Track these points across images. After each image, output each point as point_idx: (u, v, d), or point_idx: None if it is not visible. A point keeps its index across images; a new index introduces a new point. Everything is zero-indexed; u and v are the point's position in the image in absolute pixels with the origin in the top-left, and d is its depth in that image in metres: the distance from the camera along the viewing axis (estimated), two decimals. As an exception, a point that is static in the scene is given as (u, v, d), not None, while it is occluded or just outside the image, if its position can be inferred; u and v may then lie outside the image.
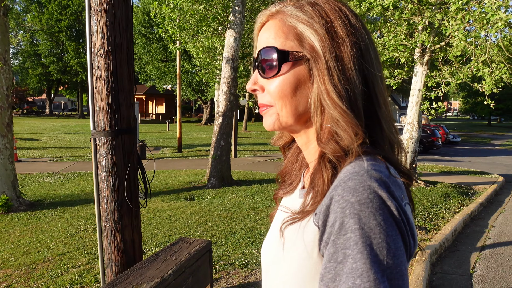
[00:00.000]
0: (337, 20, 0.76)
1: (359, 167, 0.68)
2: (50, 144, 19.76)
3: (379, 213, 0.63)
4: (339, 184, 0.67)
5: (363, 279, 0.59)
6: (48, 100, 60.05)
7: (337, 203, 0.66)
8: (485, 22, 7.11)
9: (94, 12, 2.34)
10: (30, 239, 5.95)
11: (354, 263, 0.61)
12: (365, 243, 0.61)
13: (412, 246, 0.67)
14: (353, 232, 0.62)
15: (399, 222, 0.64)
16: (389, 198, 0.64)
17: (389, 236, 0.62)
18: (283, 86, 0.79)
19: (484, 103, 8.42)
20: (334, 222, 0.65)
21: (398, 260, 0.62)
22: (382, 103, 0.77)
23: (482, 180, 12.19)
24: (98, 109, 2.36)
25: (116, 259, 2.41)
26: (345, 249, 0.62)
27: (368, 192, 0.64)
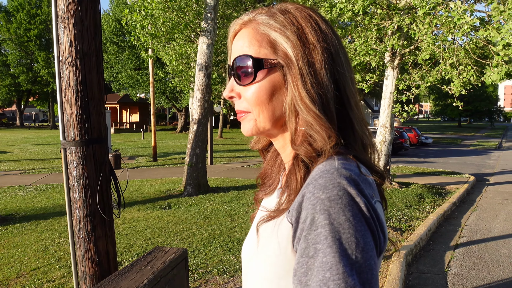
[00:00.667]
0: (307, 27, 0.79)
1: (330, 165, 0.71)
2: (21, 156, 19.29)
3: (348, 209, 0.65)
4: (311, 182, 0.70)
5: (332, 272, 0.61)
6: (19, 111, 58.68)
7: (308, 200, 0.68)
8: (452, 26, 7.30)
9: (61, 20, 2.30)
10: (2, 254, 5.78)
11: (324, 257, 0.63)
12: (334, 237, 0.63)
13: (383, 242, 0.69)
14: (323, 227, 0.64)
15: (368, 218, 0.66)
16: (358, 195, 0.66)
17: (358, 231, 0.64)
18: (259, 92, 0.81)
19: (453, 105, 8.63)
20: (306, 218, 0.67)
21: (367, 255, 0.64)
22: (353, 105, 0.80)
23: (454, 180, 12.46)
24: (67, 118, 2.32)
25: (90, 271, 2.36)
26: (315, 244, 0.64)
27: (337, 189, 0.66)
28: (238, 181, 11.88)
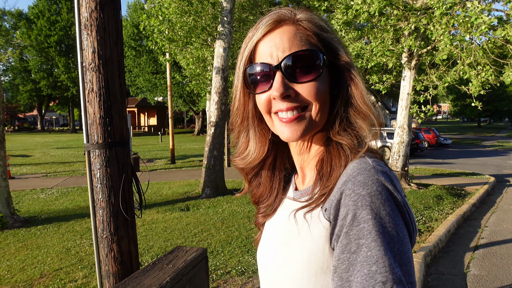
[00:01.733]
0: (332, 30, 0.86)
1: (365, 163, 0.74)
2: (43, 160, 19.68)
3: (388, 204, 0.68)
4: (349, 179, 0.72)
5: (379, 265, 0.64)
6: (39, 116, 59.78)
7: (348, 196, 0.70)
8: (469, 26, 7.24)
9: (84, 27, 2.39)
10: (26, 255, 5.93)
11: (369, 251, 0.65)
12: (379, 231, 0.66)
13: (414, 234, 0.73)
14: (366, 223, 0.67)
15: (404, 212, 0.70)
16: (395, 190, 0.70)
17: (397, 225, 0.67)
18: (321, 88, 0.82)
19: (472, 105, 8.54)
20: (346, 215, 0.70)
21: (406, 247, 0.67)
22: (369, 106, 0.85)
23: (474, 181, 12.30)
24: (91, 122, 2.40)
25: (113, 270, 2.43)
26: (358, 239, 0.67)
27: (377, 185, 0.69)
28: (256, 183, 11.90)
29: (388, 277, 0.63)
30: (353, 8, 8.72)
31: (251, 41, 0.85)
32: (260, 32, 0.84)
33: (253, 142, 0.96)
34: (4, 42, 40.93)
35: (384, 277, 0.63)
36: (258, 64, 0.83)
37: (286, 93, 0.80)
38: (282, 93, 0.80)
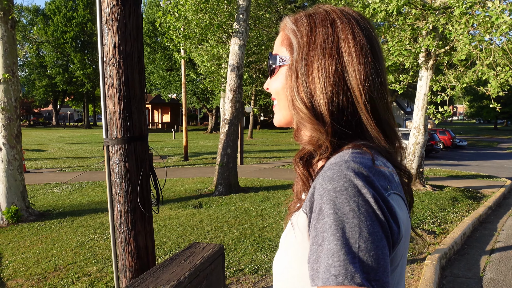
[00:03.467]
0: (320, 28, 0.85)
1: (340, 158, 0.75)
2: (58, 155, 19.89)
3: (353, 200, 0.67)
4: (321, 174, 0.74)
5: (334, 259, 0.64)
6: (55, 111, 60.48)
7: (317, 191, 0.72)
8: (489, 26, 7.13)
9: (106, 22, 2.39)
10: (40, 248, 5.99)
11: (329, 244, 0.66)
12: (338, 226, 0.66)
13: (396, 233, 0.71)
14: (328, 217, 0.67)
15: (374, 209, 0.68)
16: (365, 186, 0.69)
17: (362, 222, 0.66)
18: (276, 84, 0.93)
19: (490, 107, 8.41)
20: (315, 208, 0.71)
21: (373, 245, 0.65)
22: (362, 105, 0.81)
23: (490, 184, 12.14)
24: (110, 117, 2.41)
25: (130, 264, 2.44)
26: (323, 232, 0.68)
27: (343, 181, 0.69)
28: (269, 182, 11.91)
29: (341, 272, 0.63)
30: (370, 7, 8.64)
31: None
32: None
33: None
34: (21, 38, 41.41)
35: (337, 271, 0.63)
36: None
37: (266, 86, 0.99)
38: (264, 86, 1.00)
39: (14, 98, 7.54)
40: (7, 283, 4.77)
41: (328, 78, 0.81)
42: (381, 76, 0.84)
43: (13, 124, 7.52)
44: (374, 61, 0.83)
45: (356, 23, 0.84)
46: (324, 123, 0.80)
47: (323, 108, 0.81)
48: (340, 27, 0.83)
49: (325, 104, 0.81)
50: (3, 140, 7.43)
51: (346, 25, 0.83)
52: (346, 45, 0.82)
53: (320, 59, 0.82)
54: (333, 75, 0.81)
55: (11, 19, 7.43)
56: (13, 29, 7.51)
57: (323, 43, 0.83)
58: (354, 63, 0.81)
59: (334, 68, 0.81)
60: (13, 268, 5.21)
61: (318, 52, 0.82)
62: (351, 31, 0.83)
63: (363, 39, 0.83)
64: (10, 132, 7.48)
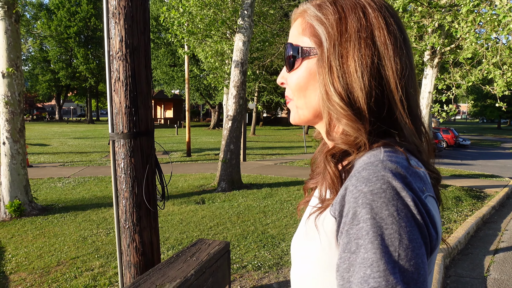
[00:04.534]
0: (350, 16, 0.77)
1: (374, 157, 0.69)
2: (60, 149, 19.90)
3: (392, 204, 0.62)
4: (354, 174, 0.68)
5: (373, 269, 0.59)
6: (58, 106, 60.55)
7: (350, 193, 0.66)
8: (496, 24, 7.07)
9: (113, 16, 2.36)
10: (43, 243, 5.99)
11: (366, 253, 0.60)
12: (376, 233, 0.60)
13: (434, 239, 0.65)
14: (365, 222, 0.62)
15: (415, 213, 0.63)
16: (404, 189, 0.63)
17: (402, 227, 0.61)
18: (297, 80, 0.84)
19: (493, 106, 8.37)
20: (348, 212, 0.65)
21: (413, 253, 0.60)
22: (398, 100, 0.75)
23: (494, 184, 12.09)
24: (116, 111, 2.38)
25: (134, 260, 2.42)
26: (357, 239, 0.62)
27: (381, 182, 0.63)
28: (271, 178, 11.89)
29: (381, 283, 0.57)
30: (376, 4, 8.57)
31: None
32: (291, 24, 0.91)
33: None
34: (25, 32, 41.45)
35: (377, 282, 0.58)
36: None
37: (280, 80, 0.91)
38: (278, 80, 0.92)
39: (18, 92, 7.52)
40: (9, 277, 4.77)
41: (365, 70, 0.74)
42: (413, 69, 0.80)
43: (16, 118, 7.51)
44: (408, 52, 0.78)
45: (387, 11, 0.78)
46: (362, 119, 0.74)
47: (361, 103, 0.74)
48: (372, 15, 0.77)
49: (364, 99, 0.74)
50: (7, 134, 7.43)
51: (378, 13, 0.77)
52: (381, 34, 0.76)
53: (356, 50, 0.75)
54: (370, 67, 0.74)
55: (15, 13, 7.41)
56: (17, 23, 7.50)
57: (357, 32, 0.76)
58: (390, 54, 0.75)
59: (370, 60, 0.74)
60: (16, 262, 5.21)
61: (353, 43, 0.75)
62: (383, 20, 0.77)
63: (395, 28, 0.77)
64: (14, 126, 7.48)
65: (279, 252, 5.48)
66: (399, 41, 0.77)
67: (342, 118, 0.74)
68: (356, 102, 0.74)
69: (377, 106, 0.75)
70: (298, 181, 11.16)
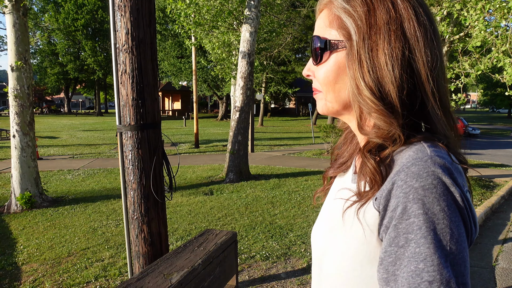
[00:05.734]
0: (379, 8, 0.75)
1: (422, 153, 0.69)
2: (70, 142, 20.06)
3: (443, 199, 0.63)
4: (402, 169, 0.68)
5: (427, 263, 0.61)
6: (66, 99, 60.90)
7: (399, 188, 0.67)
8: (506, 12, 6.98)
9: (118, 8, 2.37)
10: (54, 234, 6.07)
11: (417, 247, 0.62)
12: (429, 228, 0.62)
13: (474, 233, 0.68)
14: (417, 217, 0.63)
15: (462, 208, 0.65)
16: (453, 184, 0.65)
17: (452, 222, 0.63)
18: (326, 73, 0.82)
19: (504, 95, 8.28)
20: (396, 207, 0.66)
21: (461, 246, 0.63)
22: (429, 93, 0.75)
23: (503, 173, 12.01)
24: (123, 103, 2.40)
25: (143, 251, 2.45)
26: (407, 234, 0.64)
27: (432, 178, 0.64)
28: (279, 169, 11.90)
29: (436, 277, 0.60)
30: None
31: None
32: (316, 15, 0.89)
33: None
34: (33, 25, 41.56)
35: (431, 276, 0.60)
36: None
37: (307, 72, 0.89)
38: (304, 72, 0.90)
39: (27, 85, 7.58)
40: (22, 268, 4.85)
41: (396, 63, 0.73)
42: (443, 60, 0.79)
43: (25, 111, 7.58)
44: (437, 43, 0.77)
45: (416, 1, 0.77)
46: (395, 113, 0.73)
47: (393, 97, 0.73)
48: (402, 6, 0.75)
49: (395, 93, 0.73)
50: (16, 127, 7.50)
51: (407, 3, 0.75)
52: (411, 26, 0.74)
53: (386, 42, 0.74)
54: (400, 60, 0.73)
55: (22, 7, 7.44)
56: (25, 16, 7.53)
57: (386, 24, 0.74)
58: (420, 46, 0.74)
59: (401, 52, 0.73)
60: (28, 253, 5.29)
61: (383, 35, 0.74)
62: (413, 11, 0.75)
63: (425, 19, 0.76)
64: (23, 119, 7.55)
65: (287, 243, 5.51)
66: (429, 33, 0.76)
67: (374, 113, 0.74)
68: (387, 96, 0.74)
69: (409, 99, 0.75)
70: (306, 172, 11.17)
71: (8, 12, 7.32)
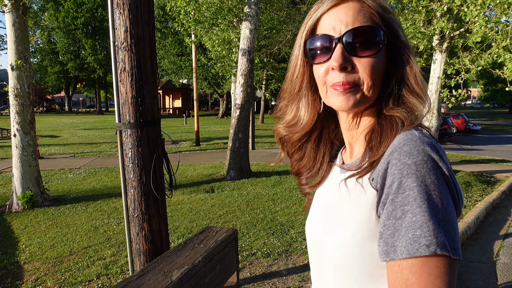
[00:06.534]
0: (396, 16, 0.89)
1: (411, 135, 0.76)
2: (71, 141, 20.07)
3: (433, 173, 0.70)
4: (395, 149, 0.75)
5: (423, 229, 0.67)
6: (67, 97, 60.92)
7: (394, 166, 0.73)
8: (506, 7, 6.97)
9: (117, 6, 2.37)
10: (55, 233, 6.08)
11: (414, 216, 0.68)
12: (423, 198, 0.69)
13: (461, 204, 0.75)
14: (411, 190, 0.70)
15: (449, 182, 0.72)
16: (440, 160, 0.72)
17: (442, 193, 0.70)
18: (377, 65, 0.85)
19: (504, 90, 8.27)
20: (392, 183, 0.73)
21: (451, 215, 0.69)
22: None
23: (504, 168, 12.00)
24: (123, 101, 2.40)
25: (144, 248, 2.46)
26: (403, 206, 0.70)
27: (422, 155, 0.72)
28: (280, 166, 11.90)
29: (432, 241, 0.66)
30: (383, -11, 8.47)
31: (316, 13, 0.88)
32: (326, 6, 0.87)
33: (304, 111, 1.00)
34: (33, 24, 41.56)
35: (428, 240, 0.66)
36: (320, 35, 0.87)
37: (345, 64, 0.83)
38: (341, 63, 0.83)
39: (27, 84, 7.58)
40: (24, 267, 4.86)
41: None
42: None
43: (26, 110, 7.58)
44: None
45: None
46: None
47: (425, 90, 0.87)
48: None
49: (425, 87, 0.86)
50: (17, 126, 7.51)
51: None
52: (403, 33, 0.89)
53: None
54: None
55: (22, 5, 7.44)
56: (24, 15, 7.53)
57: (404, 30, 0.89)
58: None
59: None
60: (30, 252, 5.30)
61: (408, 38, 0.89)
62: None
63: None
64: (24, 118, 7.55)
65: (288, 239, 5.51)
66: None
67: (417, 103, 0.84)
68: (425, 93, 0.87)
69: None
70: (307, 169, 11.12)
71: (8, 11, 7.31)
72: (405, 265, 0.68)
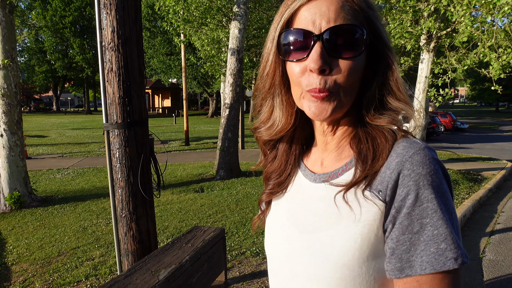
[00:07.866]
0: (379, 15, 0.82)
1: (415, 143, 0.73)
2: (59, 141, 19.91)
3: (444, 181, 0.70)
4: (405, 159, 0.71)
5: (448, 243, 0.66)
6: (55, 97, 60.36)
7: (407, 177, 0.69)
8: (492, 7, 7.05)
9: (104, 6, 2.37)
10: (43, 234, 6.03)
11: (435, 229, 0.67)
12: (443, 210, 0.67)
13: None
14: (430, 202, 0.67)
15: (451, 187, 0.73)
16: (444, 166, 0.72)
17: (451, 201, 0.70)
18: (357, 68, 0.76)
19: (491, 89, 8.37)
20: (407, 195, 0.69)
21: (457, 221, 0.70)
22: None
23: (491, 166, 12.14)
24: (110, 102, 2.40)
25: (132, 248, 2.46)
26: (421, 219, 0.68)
27: (433, 164, 0.70)
28: (270, 166, 11.89)
29: (458, 253, 0.65)
30: (371, -11, 8.53)
31: (294, 3, 0.77)
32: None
33: (279, 111, 0.89)
34: (20, 23, 41.14)
35: (455, 253, 0.65)
36: (297, 29, 0.76)
37: (324, 66, 0.73)
38: (320, 65, 0.73)
39: (14, 84, 7.52)
40: (11, 268, 4.82)
41: None
42: None
43: (13, 110, 7.51)
44: None
45: None
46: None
47: None
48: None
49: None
50: (4, 126, 7.44)
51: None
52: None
53: None
54: None
55: (9, 4, 7.37)
56: (11, 14, 7.46)
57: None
58: None
59: None
60: (17, 253, 5.26)
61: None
62: None
63: None
64: (11, 118, 7.48)
65: (277, 238, 5.53)
66: None
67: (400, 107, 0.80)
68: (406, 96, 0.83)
69: None
70: (296, 168, 11.16)
71: (-6, 10, 7.24)
72: (425, 280, 0.66)
